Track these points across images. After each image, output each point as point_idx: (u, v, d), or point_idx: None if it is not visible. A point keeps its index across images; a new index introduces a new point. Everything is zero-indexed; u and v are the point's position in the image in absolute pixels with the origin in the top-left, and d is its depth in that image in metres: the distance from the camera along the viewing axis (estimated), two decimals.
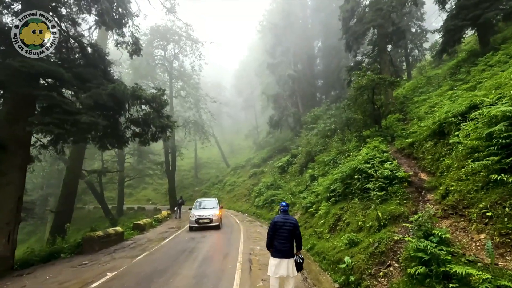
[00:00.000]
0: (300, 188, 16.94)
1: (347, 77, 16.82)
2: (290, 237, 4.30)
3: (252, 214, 21.29)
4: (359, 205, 7.68)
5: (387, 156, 8.18)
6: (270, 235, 4.47)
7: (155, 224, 14.98)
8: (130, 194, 47.56)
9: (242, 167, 37.88)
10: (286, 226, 4.34)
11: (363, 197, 7.82)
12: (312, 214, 11.52)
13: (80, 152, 15.78)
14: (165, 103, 10.02)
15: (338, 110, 16.56)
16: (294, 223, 4.36)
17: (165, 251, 8.71)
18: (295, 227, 4.35)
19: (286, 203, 4.72)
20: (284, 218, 4.44)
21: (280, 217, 4.46)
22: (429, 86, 15.62)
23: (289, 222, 4.35)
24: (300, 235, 4.50)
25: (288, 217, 4.45)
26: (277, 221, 4.41)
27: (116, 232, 9.79)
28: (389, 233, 5.36)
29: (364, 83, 11.35)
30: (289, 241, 4.30)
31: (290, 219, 4.39)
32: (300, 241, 4.44)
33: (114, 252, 8.69)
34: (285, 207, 4.63)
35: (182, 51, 30.42)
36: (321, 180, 13.40)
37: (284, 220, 4.42)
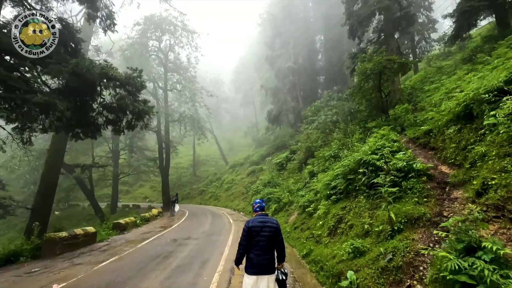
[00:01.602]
0: (298, 186, 15.67)
1: (350, 65, 15.47)
2: (270, 246, 3.26)
3: (248, 213, 20.07)
4: (364, 204, 6.39)
5: (398, 145, 6.87)
6: (243, 245, 3.24)
7: (140, 223, 13.76)
8: (127, 191, 46.72)
9: (240, 164, 36.69)
10: (265, 232, 3.24)
11: (369, 194, 6.53)
12: (310, 214, 10.25)
13: (60, 145, 14.56)
14: (142, 86, 8.76)
15: (340, 101, 15.21)
16: (275, 227, 3.31)
17: (137, 256, 7.47)
18: (276, 231, 3.30)
19: (261, 200, 3.61)
20: (261, 222, 3.29)
21: (256, 220, 3.31)
22: (441, 75, 14.28)
23: (268, 226, 3.26)
24: (283, 242, 3.43)
25: (266, 219, 3.35)
26: (253, 226, 3.25)
27: (86, 233, 8.58)
28: (407, 241, 4.07)
29: (370, 67, 10.01)
30: (269, 251, 3.26)
31: (269, 222, 3.32)
32: (283, 250, 3.39)
33: (78, 256, 7.47)
34: (260, 204, 3.51)
35: (177, 42, 29.09)
36: (320, 177, 12.12)
37: (262, 224, 3.27)
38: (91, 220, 22.91)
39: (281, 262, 3.42)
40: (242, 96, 57.67)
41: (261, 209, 3.47)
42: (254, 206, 3.52)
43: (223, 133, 58.22)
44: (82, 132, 9.59)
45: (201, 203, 32.59)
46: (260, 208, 3.47)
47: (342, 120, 13.08)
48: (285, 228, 11.47)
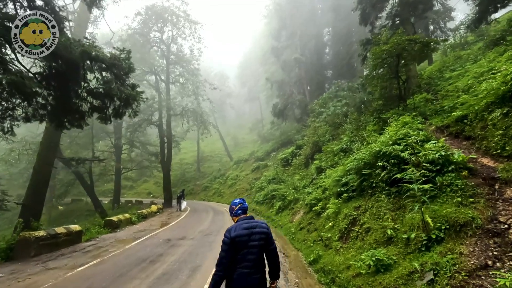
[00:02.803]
0: (304, 182, 14.65)
1: (362, 52, 14.26)
2: (260, 259, 2.42)
3: (251, 210, 19.15)
4: (386, 204, 5.34)
5: (425, 134, 5.78)
6: (224, 264, 2.31)
7: (135, 221, 12.95)
8: (131, 187, 46.45)
9: (245, 160, 35.83)
10: (255, 240, 2.37)
11: (390, 192, 5.48)
12: (318, 214, 9.24)
13: (53, 137, 13.82)
14: (130, 69, 7.82)
15: (350, 92, 14.05)
16: (266, 232, 2.47)
17: (121, 259, 6.59)
18: (268, 238, 2.45)
19: (242, 199, 2.66)
20: (248, 227, 2.40)
21: (240, 227, 2.39)
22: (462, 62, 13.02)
23: (258, 232, 2.41)
24: (277, 251, 2.56)
25: (254, 223, 2.47)
26: (238, 236, 2.33)
27: (68, 232, 7.76)
28: (452, 255, 3.04)
29: (387, 49, 8.87)
30: (260, 265, 2.41)
31: (258, 226, 2.46)
32: (277, 262, 2.54)
33: (56, 258, 6.64)
34: (243, 205, 2.59)
35: (180, 33, 28.11)
36: (329, 172, 11.08)
37: (249, 231, 2.38)
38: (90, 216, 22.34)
39: (275, 279, 2.55)
40: (247, 91, 56.62)
41: (244, 211, 2.57)
42: (234, 209, 2.60)
43: (228, 129, 57.39)
44: (67, 121, 8.74)
45: (205, 199, 31.88)
46: (243, 210, 2.56)
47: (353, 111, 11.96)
48: (290, 228, 10.50)
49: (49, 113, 8.74)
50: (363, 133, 9.22)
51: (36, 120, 9.22)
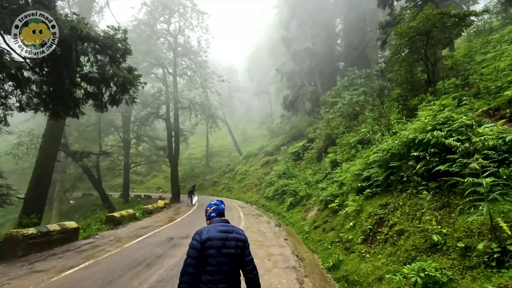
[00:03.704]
0: (317, 177, 13.72)
1: (382, 36, 13.06)
2: (235, 272, 2.02)
3: (261, 206, 18.43)
4: (425, 202, 4.39)
5: (472, 117, 4.77)
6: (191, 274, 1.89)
7: (139, 216, 12.38)
8: (141, 181, 46.69)
9: (254, 155, 35.11)
10: (230, 248, 1.99)
11: (429, 188, 4.53)
12: (335, 211, 8.35)
13: (56, 129, 13.36)
14: (127, 51, 7.07)
15: (368, 78, 12.91)
16: (244, 239, 2.09)
17: (115, 260, 5.92)
18: (245, 247, 2.08)
19: (219, 201, 2.33)
20: (224, 231, 2.03)
21: (214, 229, 2.02)
22: (495, 44, 11.69)
23: (234, 239, 2.03)
24: (254, 264, 2.13)
25: (230, 227, 2.11)
26: (211, 238, 1.95)
27: (63, 229, 7.17)
28: None
29: (415, 25, 7.77)
30: (234, 280, 2.00)
31: (235, 231, 2.09)
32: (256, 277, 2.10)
33: (45, 259, 6.03)
34: (218, 206, 2.25)
35: (187, 24, 27.29)
36: (346, 166, 10.13)
37: (224, 235, 2.01)
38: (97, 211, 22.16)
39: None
40: (256, 85, 55.62)
41: (219, 214, 2.21)
42: (208, 210, 2.27)
43: (237, 124, 56.74)
44: (63, 110, 8.11)
45: (214, 194, 31.41)
46: (217, 213, 2.21)
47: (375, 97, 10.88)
48: (303, 227, 9.66)
49: (44, 101, 8.15)
50: (388, 122, 8.18)
51: (31, 110, 8.64)
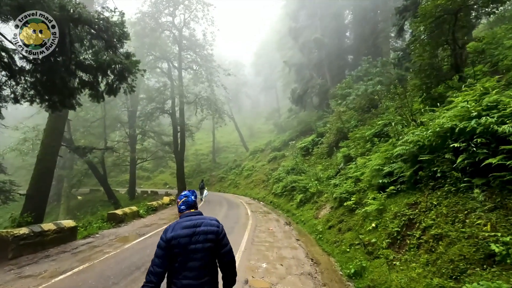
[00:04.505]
0: (329, 173, 13.02)
1: (399, 21, 12.12)
2: (209, 266, 1.85)
3: (269, 203, 17.86)
4: (480, 204, 3.67)
5: None
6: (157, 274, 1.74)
7: (143, 214, 11.91)
8: (148, 177, 46.75)
9: (261, 151, 34.52)
10: (198, 243, 1.80)
11: (473, 185, 3.81)
12: (351, 210, 7.67)
13: (57, 123, 12.96)
14: (124, 35, 6.46)
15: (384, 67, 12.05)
16: (215, 230, 1.88)
17: (112, 264, 5.39)
18: (218, 239, 1.88)
19: (191, 191, 2.09)
20: (189, 227, 1.82)
21: (180, 225, 1.83)
22: None
23: (202, 232, 1.83)
24: (233, 255, 1.96)
25: (199, 219, 1.88)
26: (176, 237, 1.77)
27: (59, 229, 6.68)
28: None
29: (443, 2, 6.94)
30: (209, 274, 1.84)
31: (204, 223, 1.87)
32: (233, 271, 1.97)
33: (37, 262, 5.54)
34: (188, 199, 2.01)
35: (193, 17, 26.63)
36: (361, 161, 9.42)
37: (191, 231, 1.81)
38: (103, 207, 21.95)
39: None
40: (263, 79, 54.72)
41: (190, 206, 2.01)
42: (178, 203, 2.08)
43: (244, 119, 56.10)
44: (59, 101, 7.60)
45: (220, 190, 31.01)
46: (186, 205, 2.00)
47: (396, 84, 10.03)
48: (316, 226, 9.00)
49: (39, 92, 7.66)
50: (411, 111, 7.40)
51: (26, 101, 8.17)
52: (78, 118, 24.81)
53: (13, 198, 13.57)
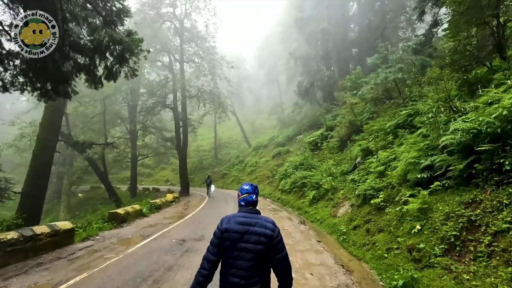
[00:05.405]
0: (342, 168, 12.23)
1: (420, 4, 11.18)
2: (257, 269, 1.71)
3: (276, 199, 17.10)
4: None
5: None
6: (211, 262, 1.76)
7: (146, 212, 11.13)
8: (149, 174, 46.11)
9: (264, 146, 33.71)
10: (249, 242, 1.69)
11: None
12: (379, 208, 6.88)
13: (54, 117, 12.14)
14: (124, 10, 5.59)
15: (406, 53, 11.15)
16: (269, 234, 1.70)
17: (114, 274, 4.61)
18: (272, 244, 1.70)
19: (252, 187, 1.86)
20: (243, 224, 1.73)
21: (235, 219, 1.76)
22: None
23: (256, 232, 1.70)
24: (289, 262, 1.77)
25: (253, 218, 1.75)
26: (228, 230, 1.73)
27: (54, 231, 5.89)
28: None
29: None
30: (257, 278, 1.70)
31: (259, 224, 1.73)
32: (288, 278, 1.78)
33: (27, 271, 4.77)
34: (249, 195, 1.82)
35: (194, 7, 25.63)
36: (383, 154, 8.64)
37: (244, 228, 1.72)
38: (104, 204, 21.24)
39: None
40: (265, 73, 53.62)
41: (249, 203, 1.81)
42: (239, 196, 1.88)
43: (246, 115, 55.22)
44: (52, 89, 6.78)
45: (223, 186, 30.30)
46: (247, 202, 1.82)
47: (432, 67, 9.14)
48: (336, 226, 8.22)
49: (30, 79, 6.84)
50: (448, 97, 6.54)
51: (16, 90, 7.35)
52: (77, 113, 23.95)
53: (8, 196, 12.79)
